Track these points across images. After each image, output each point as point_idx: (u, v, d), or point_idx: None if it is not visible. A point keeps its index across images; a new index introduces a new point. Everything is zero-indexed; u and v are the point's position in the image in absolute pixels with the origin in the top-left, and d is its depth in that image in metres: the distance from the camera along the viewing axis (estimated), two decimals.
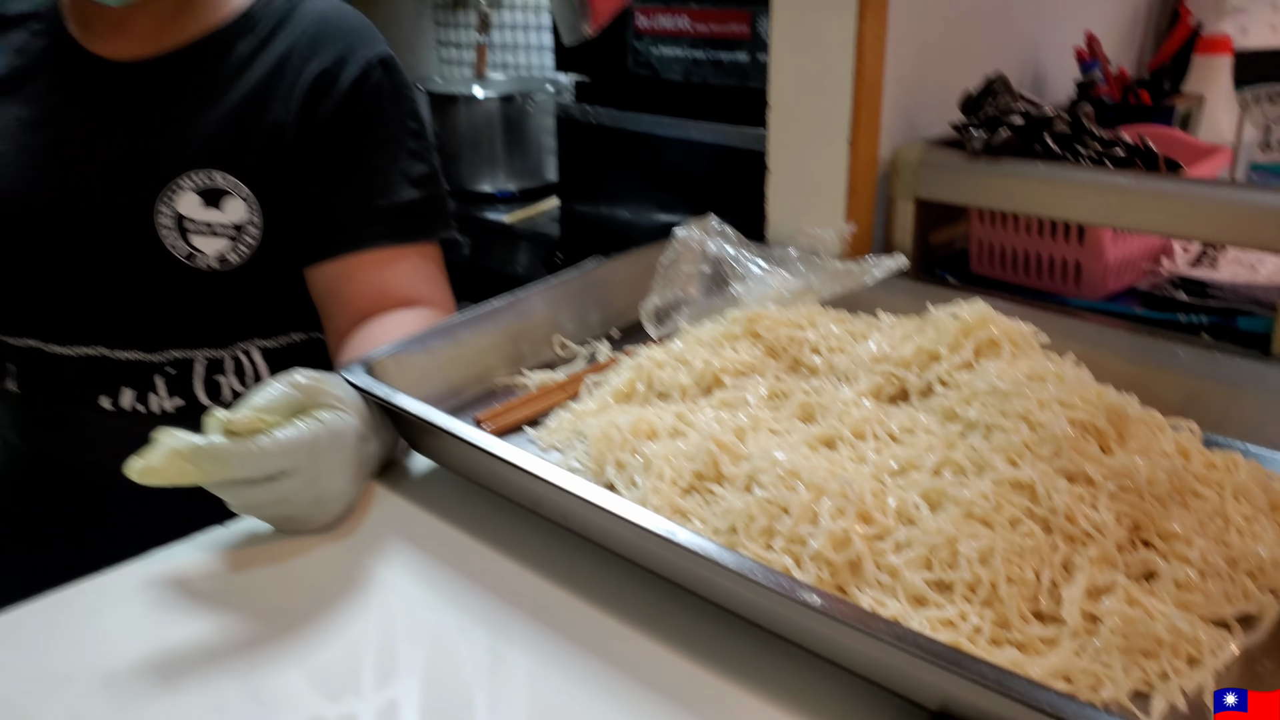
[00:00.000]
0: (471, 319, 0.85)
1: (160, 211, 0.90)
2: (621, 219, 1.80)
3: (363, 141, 0.94)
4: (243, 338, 0.96)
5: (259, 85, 0.93)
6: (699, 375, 0.75)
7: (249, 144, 0.92)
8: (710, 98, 1.56)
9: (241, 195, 0.91)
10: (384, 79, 0.95)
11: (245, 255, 0.92)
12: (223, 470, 0.59)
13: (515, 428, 0.78)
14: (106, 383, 0.95)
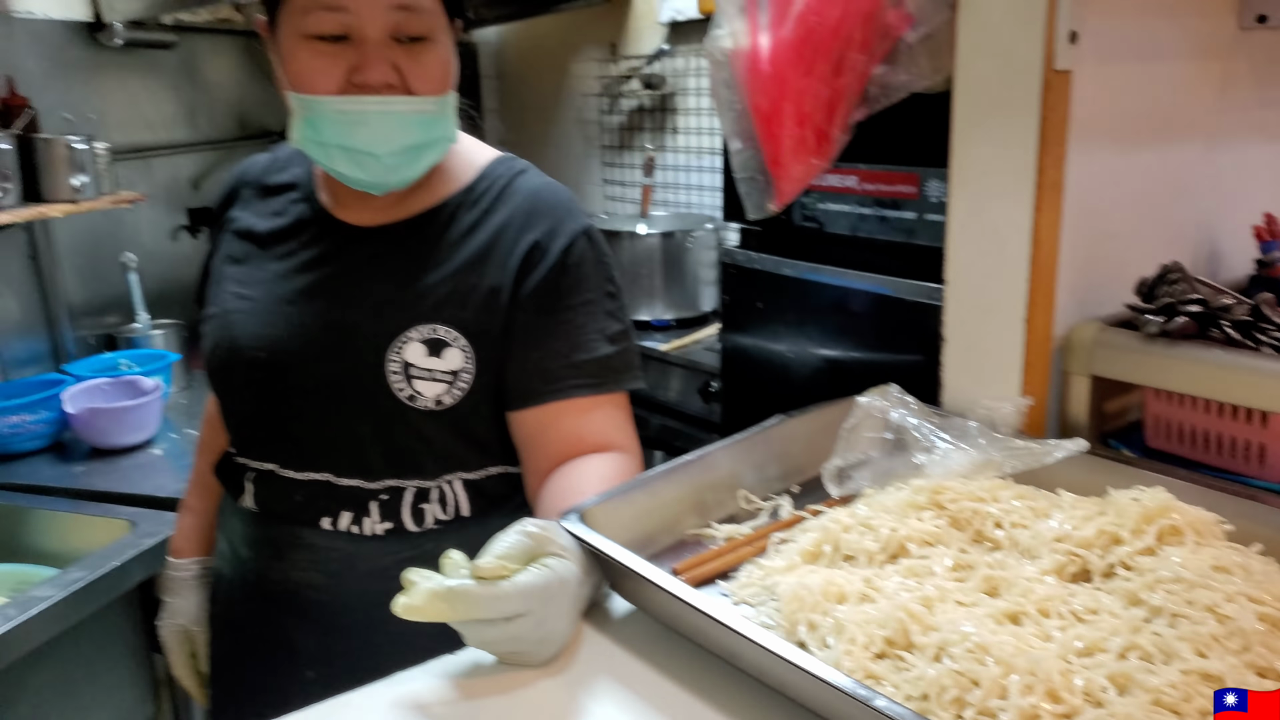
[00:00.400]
0: (665, 472, 0.93)
1: (390, 359, 1.01)
2: (780, 355, 1.88)
3: (567, 303, 1.04)
4: (448, 470, 1.07)
5: (479, 251, 1.05)
6: (885, 542, 0.80)
7: (468, 302, 1.03)
8: (874, 251, 1.64)
9: (459, 346, 1.02)
10: (587, 248, 1.06)
11: (458, 398, 1.03)
12: (472, 611, 0.68)
13: (709, 580, 0.85)
14: (329, 506, 1.06)
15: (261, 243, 1.11)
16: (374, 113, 0.95)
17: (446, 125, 1.01)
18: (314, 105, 0.96)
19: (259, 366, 1.05)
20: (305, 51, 0.95)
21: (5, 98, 2.00)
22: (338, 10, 0.93)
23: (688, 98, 2.90)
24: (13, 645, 1.32)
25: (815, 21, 1.02)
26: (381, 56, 0.95)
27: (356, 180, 1.02)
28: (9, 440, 1.92)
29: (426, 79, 0.97)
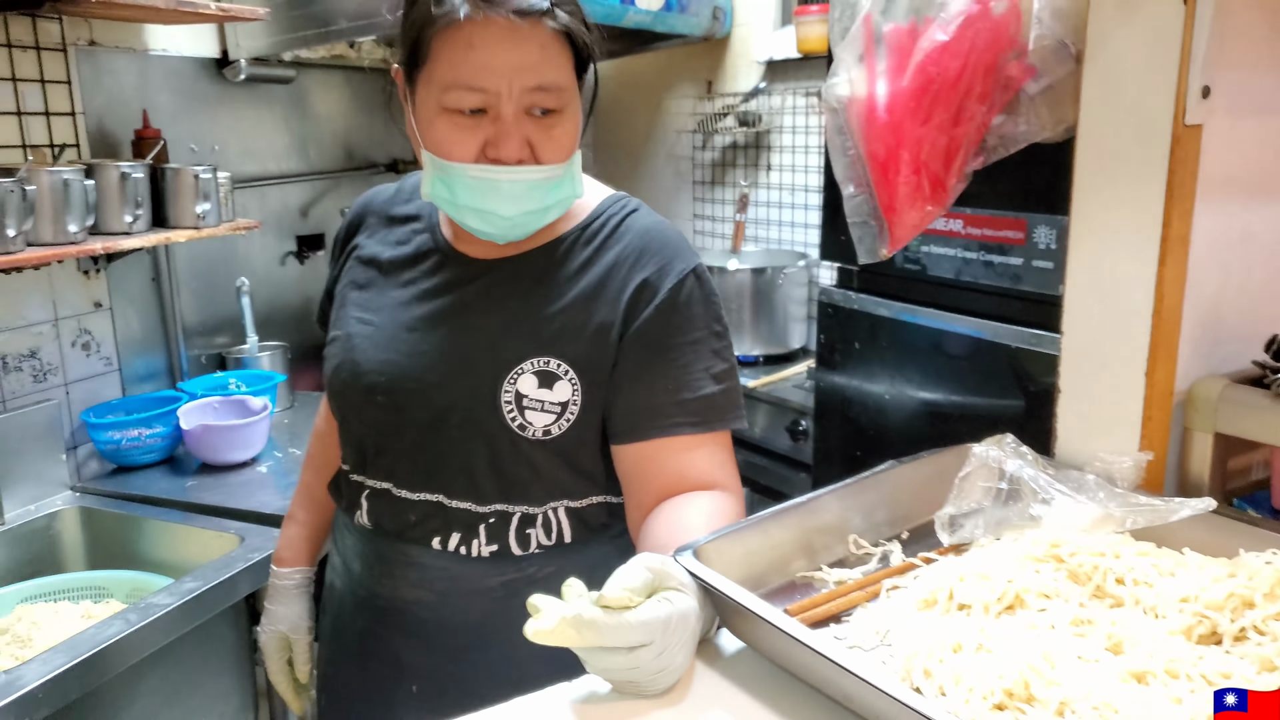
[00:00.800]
0: (775, 513, 0.94)
1: (505, 390, 1.05)
2: (876, 396, 1.87)
3: (674, 341, 1.06)
4: (554, 498, 1.10)
5: (591, 287, 1.08)
6: (1002, 593, 0.80)
7: (579, 337, 1.06)
8: (977, 296, 1.63)
9: (569, 379, 1.05)
10: (695, 287, 1.08)
11: (564, 428, 1.06)
12: (599, 638, 0.70)
13: (821, 622, 0.85)
14: (440, 526, 1.10)
15: (385, 270, 1.16)
16: (505, 181, 1.00)
17: (572, 185, 1.06)
18: (449, 169, 1.01)
19: (378, 390, 1.10)
20: (444, 123, 1.00)
21: (140, 130, 2.12)
22: (478, 91, 0.98)
23: (782, 135, 2.93)
24: (132, 649, 1.39)
25: (935, 72, 1.03)
26: (515, 133, 0.99)
27: (482, 233, 1.07)
28: (127, 453, 2.01)
29: (556, 150, 1.02)
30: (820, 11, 2.62)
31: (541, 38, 0.98)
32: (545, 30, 0.98)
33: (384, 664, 1.15)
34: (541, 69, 0.98)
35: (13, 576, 1.75)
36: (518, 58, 0.97)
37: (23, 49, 1.91)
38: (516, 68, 0.97)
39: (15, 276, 1.90)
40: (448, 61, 0.98)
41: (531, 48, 0.98)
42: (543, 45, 0.98)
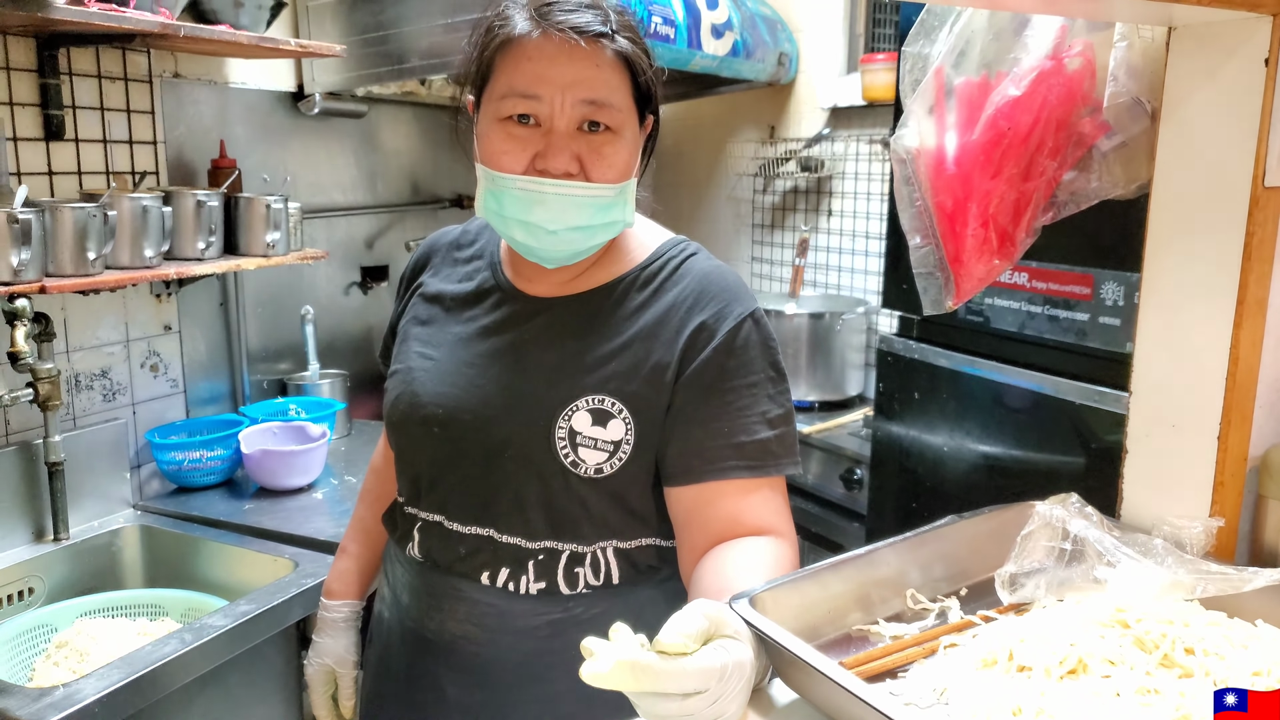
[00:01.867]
0: (832, 565, 0.93)
1: (559, 426, 1.06)
2: (934, 448, 1.85)
3: (730, 384, 1.06)
4: (603, 538, 1.09)
5: (648, 328, 1.08)
6: (1065, 657, 0.78)
7: (634, 376, 1.07)
8: (1041, 350, 1.61)
9: (622, 418, 1.06)
10: (753, 331, 1.08)
11: (616, 467, 1.06)
12: (654, 683, 0.70)
13: (876, 677, 0.84)
14: (490, 561, 1.10)
15: (447, 307, 1.18)
16: (551, 194, 1.02)
17: (622, 209, 1.06)
18: (499, 180, 1.03)
19: (436, 422, 1.11)
20: (498, 133, 1.03)
21: (216, 159, 2.19)
22: (532, 99, 1.00)
23: (844, 181, 2.93)
24: (185, 669, 1.41)
25: (1006, 126, 1.03)
26: (565, 146, 1.01)
27: (528, 249, 1.08)
28: (189, 474, 2.06)
29: (605, 169, 1.03)
30: (887, 60, 2.63)
31: (598, 58, 1.01)
32: (603, 52, 1.01)
33: (429, 697, 1.15)
34: (596, 85, 1.01)
35: (74, 590, 1.80)
36: (572, 71, 1.00)
37: (111, 80, 1.99)
38: (570, 81, 1.00)
39: (92, 298, 1.97)
40: (506, 73, 1.02)
41: (587, 64, 1.00)
42: (599, 65, 1.01)
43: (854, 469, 2.39)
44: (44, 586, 1.78)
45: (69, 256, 1.69)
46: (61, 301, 1.91)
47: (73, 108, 1.91)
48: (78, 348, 1.96)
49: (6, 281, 1.59)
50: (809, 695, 0.81)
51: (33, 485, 1.82)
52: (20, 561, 1.76)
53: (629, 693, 0.72)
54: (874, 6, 2.96)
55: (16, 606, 1.73)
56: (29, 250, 1.60)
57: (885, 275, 1.97)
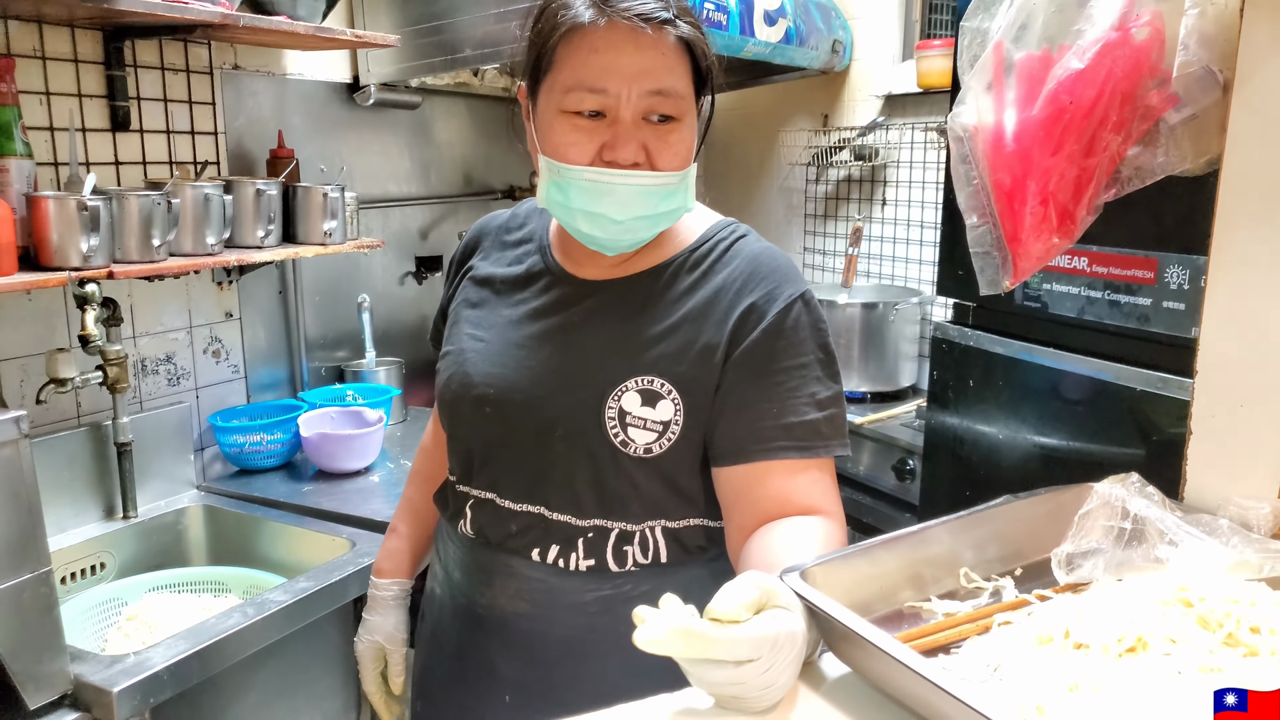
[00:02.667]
0: (885, 541, 0.93)
1: (609, 406, 1.06)
2: (989, 437, 1.82)
3: (779, 366, 1.06)
4: (652, 517, 1.10)
5: (697, 309, 1.09)
6: (1123, 634, 0.77)
7: (683, 357, 1.07)
8: (1102, 337, 1.58)
9: (672, 399, 1.06)
10: (803, 313, 1.08)
11: (665, 447, 1.06)
12: (707, 650, 0.70)
13: (929, 653, 0.83)
14: (540, 538, 1.11)
15: (497, 290, 1.19)
16: (620, 185, 1.02)
17: (684, 196, 1.07)
18: (565, 172, 1.03)
19: (487, 402, 1.13)
20: (563, 125, 1.03)
21: (274, 149, 2.23)
22: (599, 92, 1.00)
23: (899, 170, 2.90)
24: (247, 641, 1.44)
25: (1068, 101, 1.01)
26: (632, 136, 1.01)
27: (593, 239, 1.08)
28: (250, 457, 2.10)
29: (671, 157, 1.03)
30: (944, 46, 2.59)
31: (663, 45, 1.00)
32: (668, 39, 1.01)
33: (479, 672, 1.17)
34: (662, 75, 1.00)
35: (142, 566, 1.85)
36: (639, 62, 1.00)
37: (174, 71, 2.04)
38: (637, 72, 0.99)
39: (157, 285, 2.02)
40: (570, 65, 1.01)
41: (653, 54, 1.00)
42: (664, 53, 1.00)
43: (906, 459, 2.36)
44: (115, 562, 1.84)
45: (135, 243, 1.74)
46: (128, 288, 1.96)
47: (138, 99, 1.96)
48: (143, 333, 2.02)
49: (77, 266, 1.64)
50: (861, 668, 0.81)
51: (103, 465, 1.88)
52: (93, 538, 1.82)
53: (681, 660, 0.73)
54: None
55: (89, 580, 1.79)
56: (98, 237, 1.65)
57: (940, 262, 1.94)
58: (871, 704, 0.78)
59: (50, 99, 1.81)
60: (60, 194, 1.63)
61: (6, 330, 1.77)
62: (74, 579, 1.77)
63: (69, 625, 1.26)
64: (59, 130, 1.81)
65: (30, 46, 1.77)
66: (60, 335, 1.85)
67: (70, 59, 1.84)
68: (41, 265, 1.63)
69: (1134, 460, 1.55)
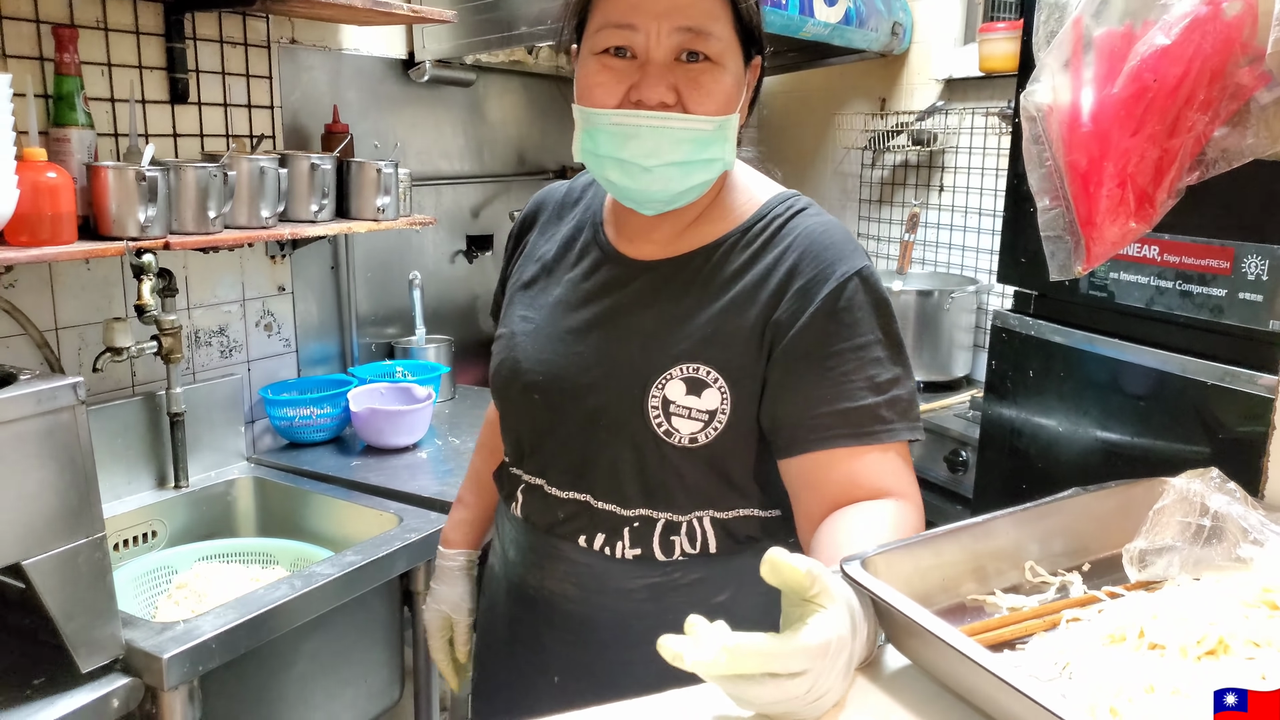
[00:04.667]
0: (949, 531, 0.90)
1: (652, 395, 1.03)
2: (1048, 430, 1.78)
3: (832, 349, 1.01)
4: (699, 507, 1.07)
5: (746, 291, 1.04)
6: (1203, 636, 0.73)
7: (730, 343, 1.03)
8: (1171, 328, 1.52)
9: (718, 387, 1.03)
10: (858, 291, 1.02)
11: (712, 436, 1.03)
12: (765, 664, 0.66)
13: (994, 648, 0.80)
14: (586, 526, 1.10)
15: (549, 269, 1.17)
16: (646, 127, 0.98)
17: (721, 147, 1.02)
18: (592, 117, 1.01)
19: (536, 389, 1.11)
20: (593, 66, 1.01)
21: (329, 124, 2.23)
22: (626, 28, 0.98)
23: (958, 155, 2.84)
24: (295, 612, 1.45)
25: (1152, 79, 0.97)
26: (660, 76, 0.98)
27: (624, 190, 1.05)
28: (299, 430, 2.12)
29: (704, 100, 0.99)
30: (1008, 29, 2.53)
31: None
32: None
33: (530, 651, 1.17)
34: (692, 12, 0.97)
35: (192, 536, 1.87)
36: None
37: (232, 45, 2.05)
38: (666, 9, 0.96)
39: (212, 256, 2.03)
40: (601, 8, 1.00)
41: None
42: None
43: (960, 451, 2.32)
44: (166, 530, 1.86)
45: (191, 215, 1.75)
46: (183, 259, 1.98)
47: (196, 72, 1.97)
48: (198, 305, 2.03)
49: (134, 236, 1.65)
50: (924, 662, 0.78)
51: (156, 434, 1.90)
52: (145, 506, 1.84)
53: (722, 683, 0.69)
54: None
55: (141, 548, 1.82)
56: (155, 207, 1.66)
57: (1002, 249, 1.89)
58: (933, 698, 0.75)
59: (112, 70, 1.82)
60: (119, 164, 1.64)
61: (65, 299, 1.79)
62: (126, 546, 1.80)
63: (120, 592, 1.28)
64: (119, 101, 1.83)
65: (93, 18, 1.79)
66: (117, 305, 1.87)
67: (132, 30, 1.85)
68: (100, 235, 1.65)
69: (1200, 457, 1.50)
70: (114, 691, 1.25)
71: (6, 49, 1.65)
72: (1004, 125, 2.69)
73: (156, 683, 1.27)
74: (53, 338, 1.78)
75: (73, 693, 1.22)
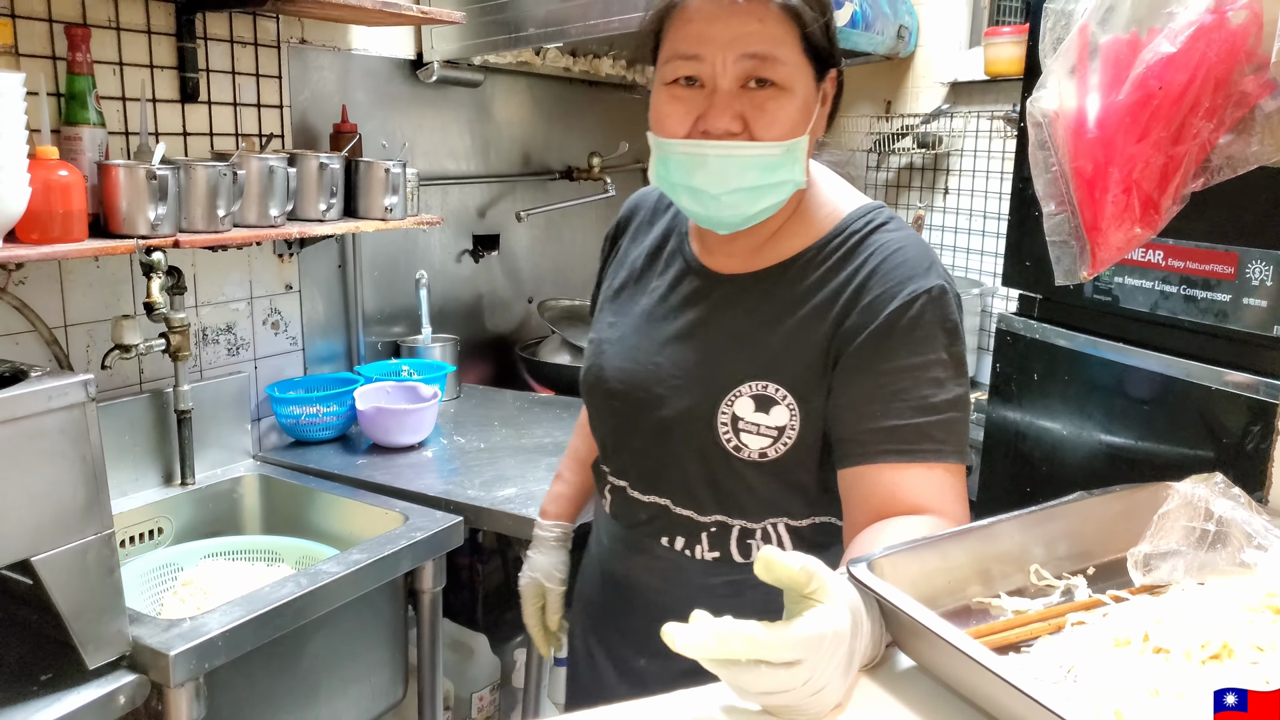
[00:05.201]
0: (954, 535, 0.91)
1: (722, 411, 1.06)
2: (1052, 433, 1.78)
3: (888, 366, 1.00)
4: (772, 515, 1.10)
5: (818, 307, 1.05)
6: (1207, 640, 0.74)
7: (798, 360, 1.04)
8: (1175, 333, 1.53)
9: (786, 404, 1.04)
10: (925, 310, 1.00)
11: (781, 451, 1.05)
12: (751, 649, 0.68)
13: (999, 651, 0.81)
14: (667, 528, 1.15)
15: (637, 277, 1.21)
16: (713, 156, 1.00)
17: (791, 169, 1.02)
18: (664, 146, 1.03)
19: (616, 396, 1.16)
20: (664, 97, 1.03)
21: (338, 124, 2.24)
22: (693, 59, 0.99)
23: (963, 158, 2.84)
24: (301, 610, 1.45)
25: (1157, 86, 0.97)
26: (726, 105, 0.99)
27: (697, 215, 1.08)
28: (305, 428, 2.12)
29: (770, 126, 0.99)
30: (1014, 33, 2.53)
31: (761, 12, 0.98)
32: (766, 6, 0.98)
33: (614, 633, 1.24)
34: (756, 39, 0.98)
35: (199, 533, 1.88)
36: (734, 27, 0.98)
37: (243, 45, 2.05)
38: (732, 38, 0.98)
39: (220, 255, 2.04)
40: (670, 38, 1.02)
41: (749, 19, 0.98)
42: (761, 19, 0.98)
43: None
44: (172, 527, 1.86)
45: (200, 213, 1.75)
46: (192, 257, 1.99)
47: (207, 71, 1.98)
48: (205, 303, 2.04)
49: (144, 235, 1.66)
50: (929, 664, 0.79)
51: (163, 431, 1.91)
52: (151, 503, 1.85)
53: (721, 667, 0.70)
54: None
55: (147, 545, 1.82)
56: (165, 206, 1.66)
57: (1007, 253, 1.89)
58: (938, 700, 0.76)
59: (123, 69, 1.83)
60: (130, 163, 1.65)
61: (75, 296, 1.80)
62: (132, 543, 1.80)
63: (126, 588, 1.28)
64: (130, 100, 1.84)
65: (106, 17, 1.79)
66: (125, 302, 1.88)
67: (144, 30, 1.86)
68: (110, 232, 1.66)
69: (1203, 461, 1.50)
70: (120, 688, 1.26)
71: (20, 48, 1.66)
72: (1009, 129, 2.70)
73: (163, 679, 1.28)
74: (61, 334, 1.78)
75: (79, 689, 1.23)
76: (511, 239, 2.83)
